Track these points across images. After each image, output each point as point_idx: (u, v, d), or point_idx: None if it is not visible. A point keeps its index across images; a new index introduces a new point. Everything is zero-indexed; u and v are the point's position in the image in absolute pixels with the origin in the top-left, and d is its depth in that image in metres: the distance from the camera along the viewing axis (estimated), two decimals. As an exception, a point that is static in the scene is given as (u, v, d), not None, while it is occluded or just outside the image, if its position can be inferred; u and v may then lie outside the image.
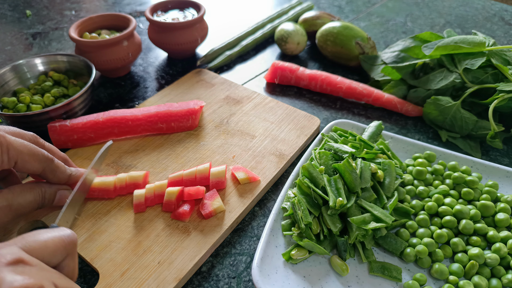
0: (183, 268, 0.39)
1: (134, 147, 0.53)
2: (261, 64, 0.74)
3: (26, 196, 0.38)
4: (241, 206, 0.45)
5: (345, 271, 0.38)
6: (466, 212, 0.42)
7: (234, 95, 0.63)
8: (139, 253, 0.40)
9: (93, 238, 0.42)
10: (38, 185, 0.40)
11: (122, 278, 0.38)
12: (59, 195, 0.42)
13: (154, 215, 0.44)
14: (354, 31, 0.69)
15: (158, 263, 0.39)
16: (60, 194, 0.42)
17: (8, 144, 0.35)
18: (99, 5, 0.99)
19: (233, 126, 0.57)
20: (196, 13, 0.72)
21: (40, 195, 0.40)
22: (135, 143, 0.54)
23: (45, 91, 0.57)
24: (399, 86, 0.62)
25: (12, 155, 0.36)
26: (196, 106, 0.55)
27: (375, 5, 0.98)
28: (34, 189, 0.39)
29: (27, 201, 0.38)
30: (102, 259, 0.40)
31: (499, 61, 0.55)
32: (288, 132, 0.56)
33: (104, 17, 0.68)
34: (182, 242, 0.41)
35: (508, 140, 0.57)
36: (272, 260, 0.39)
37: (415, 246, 0.40)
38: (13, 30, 0.86)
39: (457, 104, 0.55)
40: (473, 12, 0.94)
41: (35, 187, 0.40)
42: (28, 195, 0.38)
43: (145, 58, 0.76)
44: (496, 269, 0.38)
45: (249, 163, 0.51)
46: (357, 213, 0.40)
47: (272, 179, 0.49)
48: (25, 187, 0.39)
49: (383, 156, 0.46)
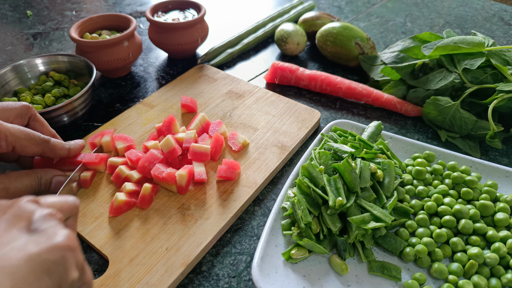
0: (190, 254, 0.40)
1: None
2: (261, 65, 0.74)
3: (23, 180, 0.40)
4: (245, 195, 0.46)
5: (344, 271, 0.38)
6: (466, 211, 0.42)
7: (236, 90, 0.64)
8: (147, 240, 0.41)
9: (102, 226, 0.43)
10: (34, 171, 0.42)
11: (131, 264, 0.39)
12: (55, 181, 0.43)
13: (160, 204, 0.45)
14: (353, 31, 0.69)
15: (165, 250, 0.40)
16: (56, 180, 0.43)
17: (6, 130, 0.37)
18: (99, 5, 0.99)
19: (236, 119, 0.58)
20: (196, 14, 0.72)
21: (36, 180, 0.41)
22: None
23: (45, 91, 0.57)
24: (398, 86, 0.62)
25: (10, 141, 0.38)
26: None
27: (374, 6, 0.98)
28: (30, 174, 0.41)
29: (23, 185, 0.40)
30: (111, 246, 0.41)
31: (498, 61, 0.55)
32: (289, 124, 0.57)
33: (104, 18, 0.68)
34: (189, 229, 0.43)
35: (507, 140, 0.57)
36: (272, 260, 0.39)
37: (414, 245, 0.40)
38: (13, 30, 0.86)
39: (456, 104, 0.55)
40: (473, 13, 0.94)
41: (31, 173, 0.41)
42: (24, 180, 0.40)
43: (145, 59, 0.76)
44: (495, 269, 0.38)
45: (252, 155, 0.52)
46: (357, 212, 0.40)
47: (274, 170, 0.50)
48: (22, 173, 0.41)
49: (382, 156, 0.46)
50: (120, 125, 0.56)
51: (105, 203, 0.45)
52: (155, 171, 0.45)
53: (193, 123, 0.54)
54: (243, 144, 0.53)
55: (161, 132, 0.52)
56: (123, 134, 0.52)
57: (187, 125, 0.56)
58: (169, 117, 0.52)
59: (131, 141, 0.51)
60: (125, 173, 0.46)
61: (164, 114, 0.59)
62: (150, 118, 0.58)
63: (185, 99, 0.58)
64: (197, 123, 0.54)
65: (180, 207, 0.45)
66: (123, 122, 0.57)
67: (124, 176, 0.46)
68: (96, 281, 0.38)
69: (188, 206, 0.45)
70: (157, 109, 0.60)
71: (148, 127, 0.56)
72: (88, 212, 0.44)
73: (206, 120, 0.54)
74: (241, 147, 0.52)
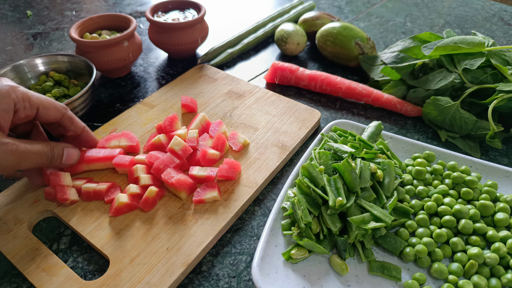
0: (191, 253, 0.40)
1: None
2: (261, 65, 0.74)
3: (34, 144, 0.40)
4: (245, 195, 0.46)
5: (344, 271, 0.38)
6: (466, 211, 0.42)
7: (237, 90, 0.64)
8: (147, 240, 0.42)
9: (102, 226, 0.43)
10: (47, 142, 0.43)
11: (132, 263, 0.39)
12: (67, 153, 0.44)
13: (161, 203, 0.46)
14: (353, 31, 0.69)
15: (166, 249, 0.40)
16: (67, 152, 0.44)
17: (28, 93, 0.40)
18: (99, 5, 0.99)
19: (236, 119, 0.58)
20: (196, 14, 0.72)
21: (48, 147, 0.42)
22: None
23: (46, 91, 0.57)
24: (398, 86, 0.62)
25: (34, 103, 0.40)
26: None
27: (374, 6, 0.98)
28: (43, 142, 0.42)
29: (34, 148, 0.40)
30: (112, 246, 0.41)
31: (498, 61, 0.55)
32: (289, 124, 0.57)
33: (104, 18, 0.68)
34: (190, 229, 0.43)
35: (507, 140, 0.57)
36: (272, 260, 0.39)
37: (414, 245, 0.40)
38: (13, 31, 0.86)
39: (456, 104, 0.55)
40: (473, 13, 0.94)
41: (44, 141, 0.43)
42: (36, 144, 0.41)
43: (145, 59, 0.76)
44: (495, 269, 0.38)
45: (252, 155, 0.52)
46: (357, 212, 0.40)
47: (275, 170, 0.50)
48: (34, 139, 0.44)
49: (382, 156, 0.46)
50: (120, 125, 0.56)
51: (106, 203, 0.45)
52: (166, 175, 0.45)
53: (194, 123, 0.54)
54: (244, 144, 0.53)
55: (161, 130, 0.52)
56: (130, 133, 0.52)
57: (188, 125, 0.56)
58: (172, 115, 0.52)
59: (135, 141, 0.51)
60: (138, 174, 0.46)
61: (164, 114, 0.59)
62: (151, 118, 0.58)
63: (185, 99, 0.58)
64: (197, 123, 0.54)
65: (181, 207, 0.45)
66: (123, 122, 0.57)
67: (136, 176, 0.46)
68: (97, 281, 0.38)
69: (188, 206, 0.45)
70: (157, 109, 0.60)
71: (148, 127, 0.56)
72: (88, 212, 0.44)
73: (206, 120, 0.55)
74: (241, 147, 0.52)
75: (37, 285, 0.37)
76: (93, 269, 0.41)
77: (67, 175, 0.45)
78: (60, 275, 0.38)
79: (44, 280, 0.38)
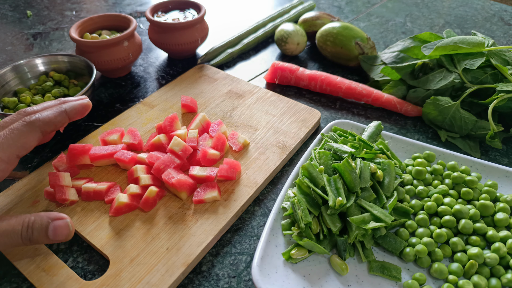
0: (191, 253, 0.40)
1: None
2: (261, 65, 0.74)
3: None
4: (245, 195, 0.46)
5: (344, 271, 0.38)
6: (466, 211, 0.42)
7: (237, 90, 0.64)
8: (147, 240, 0.41)
9: (102, 226, 0.43)
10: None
11: (132, 263, 0.39)
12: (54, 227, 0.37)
13: (161, 203, 0.45)
14: (353, 31, 0.69)
15: (166, 249, 0.40)
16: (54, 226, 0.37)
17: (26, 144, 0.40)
18: (99, 5, 0.99)
19: (236, 119, 0.58)
20: (196, 14, 0.72)
21: (21, 222, 0.36)
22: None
23: (45, 91, 0.57)
24: (398, 86, 0.62)
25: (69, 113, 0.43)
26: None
27: (374, 6, 0.98)
28: (16, 216, 0.37)
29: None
30: (112, 246, 0.41)
31: (498, 61, 0.55)
32: (289, 124, 0.57)
33: (104, 18, 0.68)
34: (190, 229, 0.43)
35: (507, 140, 0.57)
36: (272, 260, 0.39)
37: (414, 245, 0.40)
38: (13, 30, 0.86)
39: (456, 104, 0.55)
40: (473, 13, 0.94)
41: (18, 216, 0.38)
42: (4, 220, 0.36)
43: (145, 59, 0.76)
44: (495, 269, 0.38)
45: (252, 155, 0.52)
46: (357, 212, 0.40)
47: (275, 170, 0.50)
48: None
49: (382, 156, 0.46)
50: (120, 125, 0.56)
51: (106, 203, 0.45)
52: (166, 175, 0.45)
53: (194, 123, 0.54)
54: (244, 144, 0.53)
55: (161, 130, 0.52)
56: (135, 130, 0.52)
57: (188, 125, 0.56)
58: (172, 115, 0.52)
59: (138, 139, 0.51)
60: (138, 174, 0.46)
61: (164, 114, 0.59)
62: (151, 118, 0.58)
63: (185, 99, 0.58)
64: (197, 123, 0.54)
65: (181, 207, 0.45)
66: (123, 122, 0.57)
67: (136, 176, 0.46)
68: (97, 281, 0.38)
69: (188, 206, 0.45)
70: (157, 109, 0.60)
71: (148, 127, 0.56)
72: (88, 212, 0.44)
73: (206, 120, 0.55)
74: (241, 147, 0.52)
75: (37, 285, 0.37)
76: (93, 269, 0.41)
77: (66, 175, 0.45)
78: (60, 275, 0.38)
79: (44, 280, 0.38)
